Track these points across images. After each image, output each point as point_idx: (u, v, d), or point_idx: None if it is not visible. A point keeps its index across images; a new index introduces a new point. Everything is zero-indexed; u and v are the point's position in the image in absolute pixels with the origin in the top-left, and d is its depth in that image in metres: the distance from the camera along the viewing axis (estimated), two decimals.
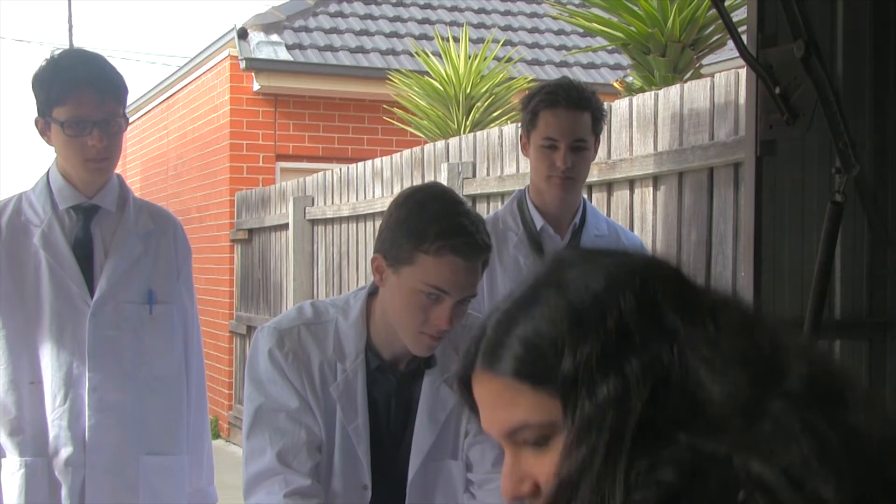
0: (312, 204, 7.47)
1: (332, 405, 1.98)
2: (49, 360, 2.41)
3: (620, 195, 4.04)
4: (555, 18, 9.89)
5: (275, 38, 10.03)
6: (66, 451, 2.40)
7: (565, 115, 2.60)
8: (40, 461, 2.41)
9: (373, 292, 2.02)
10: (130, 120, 18.06)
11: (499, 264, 2.74)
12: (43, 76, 2.40)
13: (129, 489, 2.45)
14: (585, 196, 2.89)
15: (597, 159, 3.14)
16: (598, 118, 2.67)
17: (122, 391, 2.44)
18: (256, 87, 9.77)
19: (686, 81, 4.17)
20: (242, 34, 9.94)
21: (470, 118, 7.91)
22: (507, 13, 11.77)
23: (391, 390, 2.02)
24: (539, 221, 2.72)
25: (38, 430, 2.41)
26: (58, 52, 2.51)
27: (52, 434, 2.41)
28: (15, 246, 2.43)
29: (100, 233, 2.47)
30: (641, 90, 5.55)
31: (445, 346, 2.02)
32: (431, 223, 1.85)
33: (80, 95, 2.36)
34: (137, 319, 2.47)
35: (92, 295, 2.43)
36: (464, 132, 7.50)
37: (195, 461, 2.58)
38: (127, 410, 2.44)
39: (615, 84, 7.39)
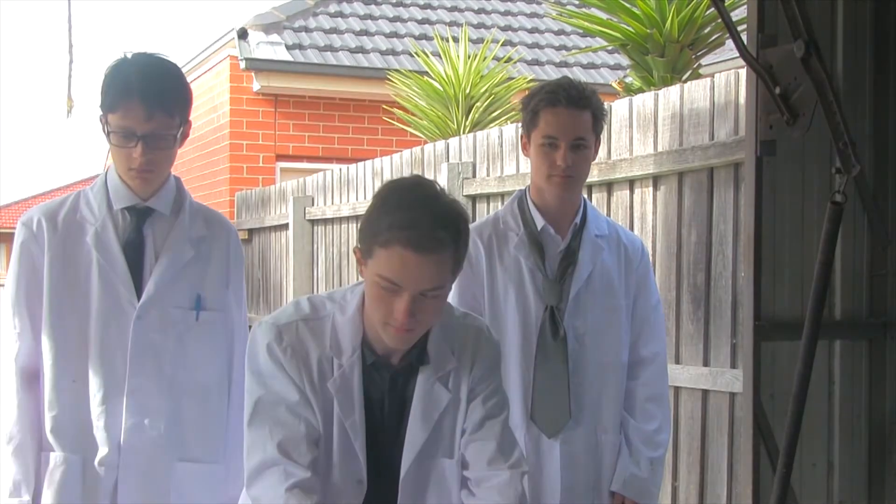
0: (312, 204, 7.47)
1: (329, 400, 1.99)
2: (92, 361, 2.41)
3: (620, 195, 4.04)
4: (554, 19, 9.90)
5: (275, 38, 10.03)
6: (101, 451, 2.40)
7: (566, 114, 2.61)
8: (77, 458, 2.42)
9: None
10: None
11: (499, 264, 2.74)
12: (106, 78, 2.39)
13: (160, 494, 2.43)
14: (585, 196, 2.88)
15: (597, 159, 3.13)
16: (598, 117, 2.67)
17: (160, 396, 2.43)
18: (256, 87, 9.77)
19: (685, 81, 4.17)
20: (242, 34, 9.94)
21: (469, 118, 7.91)
22: (506, 13, 11.77)
23: (385, 387, 2.02)
24: (540, 221, 2.72)
25: (77, 428, 2.42)
26: (131, 54, 2.47)
27: (89, 433, 2.41)
28: (69, 243, 2.43)
29: (152, 235, 2.46)
30: (640, 90, 5.55)
31: (440, 345, 2.03)
32: (386, 215, 1.85)
33: (128, 106, 2.33)
34: (183, 324, 2.46)
35: (139, 298, 2.42)
36: (463, 132, 7.50)
37: (233, 469, 2.52)
38: (164, 415, 2.43)
39: (614, 84, 7.40)
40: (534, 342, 2.68)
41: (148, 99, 2.32)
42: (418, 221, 1.83)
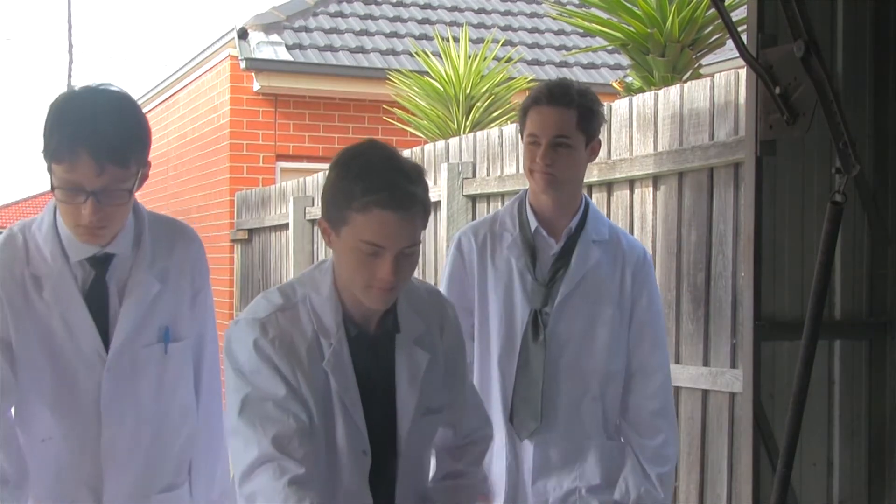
0: (312, 204, 7.47)
1: (324, 381, 2.00)
2: (63, 418, 2.23)
3: (620, 195, 4.04)
4: (554, 19, 9.89)
5: (275, 38, 10.03)
6: None
7: (547, 112, 2.61)
8: None
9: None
10: None
11: (490, 264, 2.73)
12: (48, 120, 2.08)
13: None
14: (588, 197, 2.87)
15: (597, 159, 3.13)
16: (587, 116, 2.63)
17: (138, 437, 2.30)
18: (256, 87, 9.77)
19: (685, 81, 4.17)
20: (242, 34, 9.94)
21: (470, 118, 7.91)
22: (506, 13, 11.77)
23: (369, 359, 2.06)
24: (534, 223, 2.71)
25: (49, 490, 2.25)
26: (80, 87, 2.17)
27: (64, 491, 2.26)
28: (25, 299, 2.19)
29: (114, 279, 2.24)
30: (641, 90, 5.55)
31: (407, 310, 2.09)
32: (357, 180, 1.89)
33: (75, 160, 2.03)
34: (154, 361, 2.30)
35: (107, 345, 2.23)
36: (464, 132, 7.50)
37: (207, 474, 2.44)
38: (142, 456, 2.31)
39: (614, 84, 7.39)
40: (517, 344, 2.67)
41: (98, 153, 2.02)
42: (392, 182, 1.89)
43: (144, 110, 10.87)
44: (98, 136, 2.03)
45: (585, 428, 2.68)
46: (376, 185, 1.88)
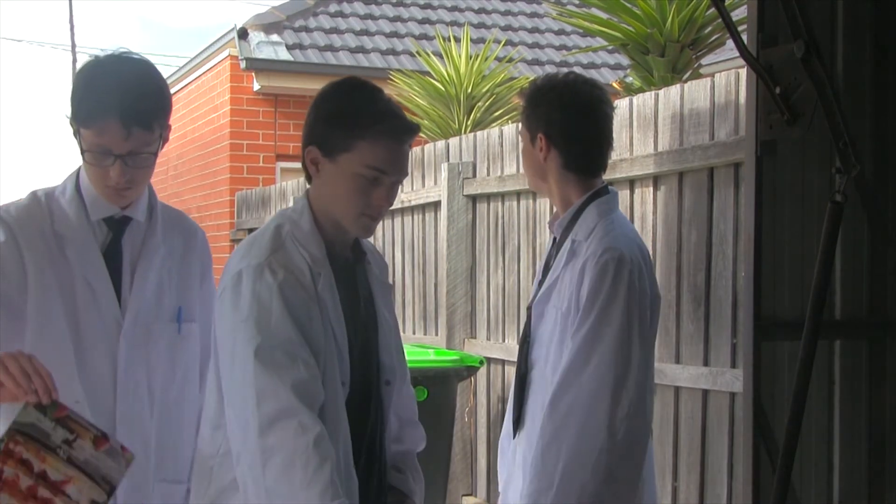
0: None
1: (325, 309, 2.03)
2: (79, 386, 2.20)
3: (620, 195, 4.04)
4: (555, 18, 9.89)
5: (275, 38, 10.03)
6: None
7: None
8: None
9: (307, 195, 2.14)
10: None
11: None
12: (77, 87, 2.19)
13: None
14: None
15: None
16: (525, 113, 2.49)
17: (147, 418, 2.29)
18: (256, 87, 9.77)
19: (685, 81, 4.17)
20: (242, 34, 9.95)
21: (471, 118, 7.91)
22: (507, 13, 11.78)
23: (349, 287, 2.12)
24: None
25: None
26: (104, 54, 2.26)
27: None
28: (48, 257, 2.23)
29: (130, 246, 2.30)
30: (640, 90, 5.55)
31: (367, 245, 2.22)
32: (364, 110, 2.02)
33: (104, 124, 2.14)
34: (168, 339, 2.31)
35: (122, 312, 2.26)
36: (465, 132, 7.50)
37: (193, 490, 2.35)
38: (150, 437, 2.30)
39: (614, 84, 7.40)
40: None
41: (127, 117, 2.14)
42: (400, 115, 2.04)
43: None
44: (127, 102, 2.14)
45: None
46: (388, 115, 2.01)
